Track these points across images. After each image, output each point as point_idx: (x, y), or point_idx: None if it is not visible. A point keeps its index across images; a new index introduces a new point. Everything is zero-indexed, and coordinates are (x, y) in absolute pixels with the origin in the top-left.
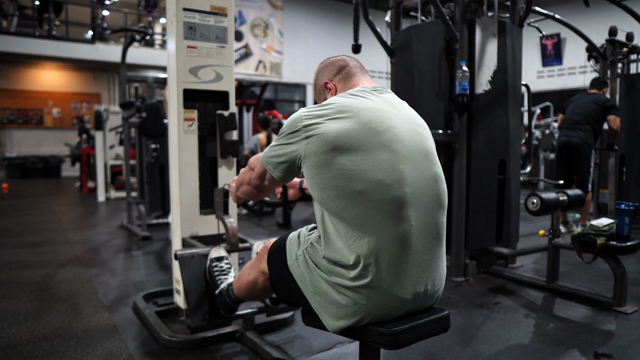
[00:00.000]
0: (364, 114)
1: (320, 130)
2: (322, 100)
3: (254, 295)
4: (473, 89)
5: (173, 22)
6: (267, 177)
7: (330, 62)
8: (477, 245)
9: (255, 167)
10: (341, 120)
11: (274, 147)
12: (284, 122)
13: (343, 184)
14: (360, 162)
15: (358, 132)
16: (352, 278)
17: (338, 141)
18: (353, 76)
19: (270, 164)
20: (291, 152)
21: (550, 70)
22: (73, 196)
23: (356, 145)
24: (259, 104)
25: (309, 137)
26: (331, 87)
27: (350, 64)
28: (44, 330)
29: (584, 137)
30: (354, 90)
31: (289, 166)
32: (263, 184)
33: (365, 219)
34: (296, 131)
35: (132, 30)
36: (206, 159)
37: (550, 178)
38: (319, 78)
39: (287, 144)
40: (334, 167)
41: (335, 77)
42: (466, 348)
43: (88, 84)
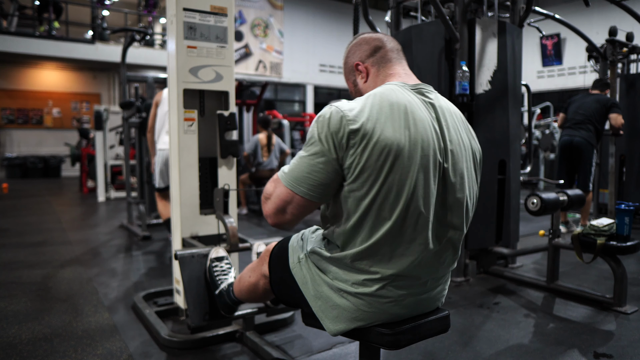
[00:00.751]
0: (416, 125)
1: (375, 138)
2: (351, 82)
3: (254, 297)
4: (473, 89)
5: (173, 22)
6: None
7: (365, 39)
8: (477, 245)
9: (272, 194)
10: (395, 127)
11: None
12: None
13: (380, 202)
14: (405, 181)
15: (412, 146)
16: (356, 284)
17: (393, 153)
18: (389, 62)
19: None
20: (331, 163)
21: (550, 70)
22: (73, 196)
23: (406, 161)
24: (259, 104)
25: (356, 143)
26: (362, 70)
27: (387, 45)
28: (44, 330)
29: (587, 136)
30: (397, 87)
31: (328, 183)
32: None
33: (387, 239)
34: (338, 136)
35: (132, 30)
36: (206, 159)
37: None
38: (350, 57)
39: (325, 155)
40: (378, 180)
41: (369, 59)
42: (466, 348)
43: (88, 84)
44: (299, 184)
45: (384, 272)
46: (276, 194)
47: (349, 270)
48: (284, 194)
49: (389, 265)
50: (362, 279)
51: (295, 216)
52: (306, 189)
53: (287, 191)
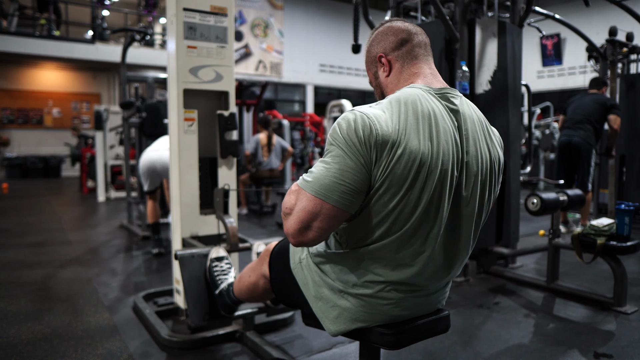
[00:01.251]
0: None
1: (401, 149)
2: (372, 73)
3: (254, 297)
4: (473, 89)
5: (173, 22)
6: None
7: (392, 29)
8: (477, 245)
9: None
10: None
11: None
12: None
13: (394, 216)
14: (424, 194)
15: (434, 159)
16: (357, 286)
17: (417, 166)
18: (415, 59)
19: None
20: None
21: (550, 70)
22: (73, 196)
23: (428, 174)
24: (259, 104)
25: (381, 153)
26: (385, 63)
27: (414, 39)
28: (44, 330)
29: (585, 136)
30: (422, 93)
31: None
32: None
33: (399, 249)
34: (367, 142)
35: (132, 30)
36: (206, 159)
37: (550, 178)
38: (373, 46)
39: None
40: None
41: (394, 52)
42: (466, 348)
43: (88, 84)
44: (328, 192)
45: (388, 277)
46: (301, 207)
47: (351, 269)
48: (311, 205)
49: (393, 272)
50: (363, 281)
51: (323, 231)
52: (337, 197)
53: (315, 201)
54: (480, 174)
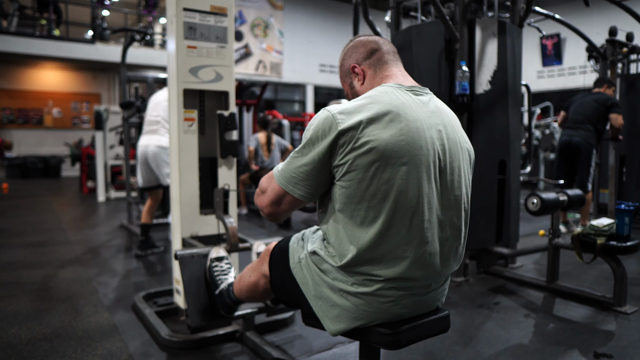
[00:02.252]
0: (409, 126)
1: (367, 138)
2: (347, 85)
3: (254, 297)
4: (473, 89)
5: (173, 22)
6: (286, 200)
7: (361, 42)
8: (477, 245)
9: (267, 188)
10: (387, 128)
11: (298, 157)
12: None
13: (376, 202)
14: (399, 179)
15: (404, 145)
16: (356, 284)
17: (386, 153)
18: (385, 64)
19: (291, 181)
20: (322, 163)
21: (550, 70)
22: (73, 196)
23: (400, 161)
24: (259, 104)
25: (348, 144)
26: (359, 73)
27: (382, 47)
28: (44, 330)
29: (586, 136)
30: (392, 89)
31: (318, 182)
32: (278, 208)
33: (386, 239)
34: (330, 137)
35: (132, 30)
36: (206, 159)
37: (550, 178)
38: (346, 59)
39: (316, 155)
40: (369, 181)
41: (365, 61)
42: (466, 348)
43: (88, 84)
44: (289, 183)
45: (385, 274)
46: (271, 189)
47: (348, 271)
48: (277, 190)
49: (388, 267)
50: (362, 279)
51: (289, 209)
52: (295, 188)
53: (280, 189)
54: (463, 161)
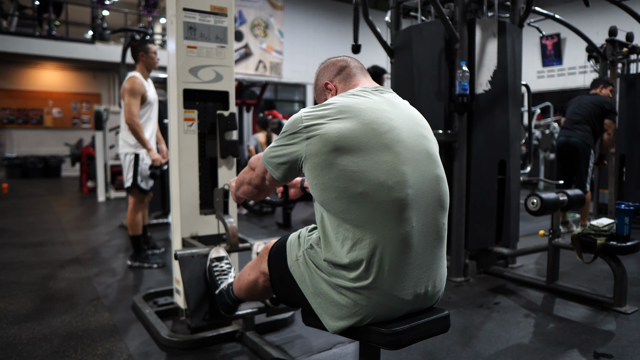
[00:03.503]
0: (365, 114)
1: (322, 131)
2: (323, 101)
3: (254, 295)
4: (473, 89)
5: (173, 22)
6: (268, 177)
7: (331, 62)
8: (477, 245)
9: (256, 167)
10: (342, 120)
11: (275, 147)
12: (284, 122)
13: (344, 185)
14: (362, 163)
15: (360, 132)
16: (352, 279)
17: (340, 142)
18: (353, 77)
19: (271, 164)
20: (292, 153)
21: (550, 70)
22: (73, 196)
23: (358, 146)
24: (259, 104)
25: (310, 137)
26: (332, 88)
27: (350, 64)
28: (44, 330)
29: (583, 137)
30: (355, 90)
31: (289, 167)
32: (264, 184)
33: (367, 221)
34: (297, 132)
35: (132, 30)
36: (206, 159)
37: (550, 178)
38: (319, 79)
39: (288, 145)
40: (335, 168)
41: (336, 77)
42: (466, 348)
43: (88, 84)
44: (268, 164)
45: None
46: (259, 165)
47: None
48: (262, 168)
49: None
50: (357, 274)
51: (271, 185)
52: (273, 168)
53: (263, 166)
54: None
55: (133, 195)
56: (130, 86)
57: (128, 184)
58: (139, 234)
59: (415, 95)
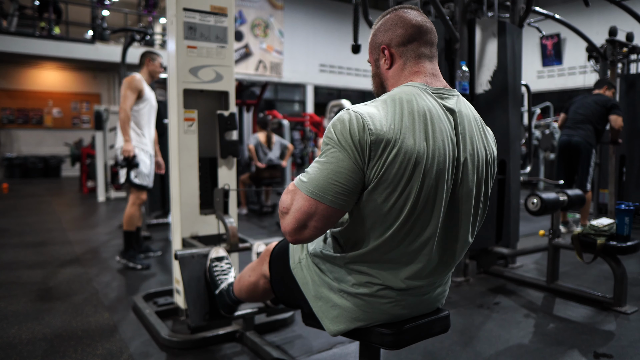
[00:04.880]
0: (429, 136)
1: (395, 149)
2: (373, 59)
3: (254, 297)
4: (473, 89)
5: (173, 22)
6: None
7: (402, 21)
8: (477, 245)
9: (290, 206)
10: (412, 137)
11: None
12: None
13: (392, 215)
14: (416, 192)
15: (422, 156)
16: (356, 285)
17: (418, 163)
18: (419, 57)
19: (327, 191)
20: (355, 171)
21: (550, 70)
22: (73, 196)
23: (420, 173)
24: (259, 104)
25: (376, 154)
26: (387, 56)
27: (423, 37)
28: (44, 330)
29: (585, 136)
30: (417, 91)
31: (353, 191)
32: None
33: (389, 249)
34: (355, 143)
35: (132, 30)
36: (206, 159)
37: (550, 178)
38: (380, 34)
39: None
40: (395, 192)
41: (399, 47)
42: (466, 348)
43: (88, 84)
44: (322, 192)
45: (385, 280)
46: (297, 206)
47: (349, 270)
48: (306, 205)
49: (390, 273)
50: (363, 281)
51: (319, 229)
52: (332, 197)
53: (310, 201)
54: (476, 172)
55: (133, 191)
56: (129, 81)
57: (122, 180)
58: (132, 230)
59: None
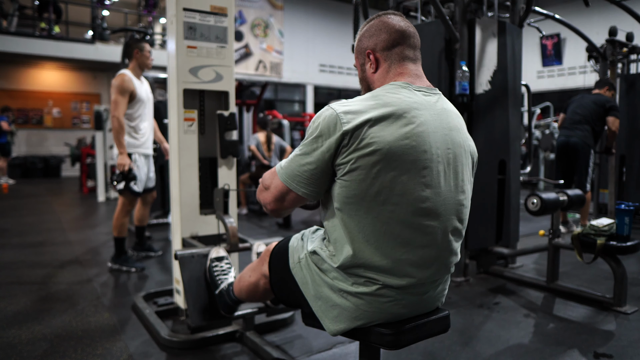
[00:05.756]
0: (413, 129)
1: (370, 139)
2: (359, 63)
3: (254, 297)
4: (473, 89)
5: (173, 22)
6: (289, 197)
7: (386, 26)
8: (477, 245)
9: (270, 184)
10: (390, 129)
11: (301, 153)
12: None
13: (377, 203)
14: (399, 181)
15: (406, 149)
16: (356, 284)
17: (389, 155)
18: (403, 60)
19: (294, 179)
20: (323, 161)
21: (550, 70)
22: (73, 196)
23: (402, 163)
24: (259, 104)
25: (352, 144)
26: (373, 60)
27: (406, 41)
28: (44, 330)
29: (583, 136)
30: (400, 88)
31: (320, 181)
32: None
33: (385, 240)
34: (331, 136)
35: (132, 30)
36: (206, 159)
37: (550, 178)
38: (365, 39)
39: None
40: (375, 181)
41: (384, 51)
42: (466, 348)
43: (88, 84)
44: (292, 181)
45: (382, 278)
46: (274, 185)
47: (349, 272)
48: (280, 187)
49: (385, 272)
50: (362, 280)
51: (292, 206)
52: (298, 186)
53: (283, 185)
54: (464, 164)
55: (123, 197)
56: (118, 83)
57: (120, 188)
58: (123, 236)
59: None
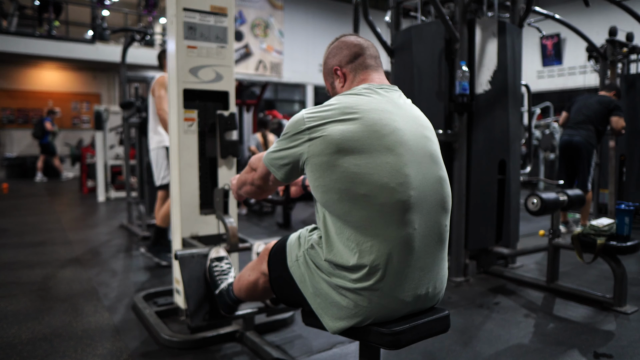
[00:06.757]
0: (368, 116)
1: (324, 133)
2: (329, 83)
3: (254, 296)
4: (473, 89)
5: (173, 22)
6: (271, 178)
7: (345, 44)
8: (477, 245)
9: (257, 167)
10: (345, 122)
11: (277, 149)
12: (285, 122)
13: (347, 187)
14: (364, 165)
15: (363, 134)
16: (353, 280)
17: (342, 143)
18: (365, 69)
19: (274, 165)
20: (294, 154)
21: (550, 70)
22: (73, 196)
23: (361, 148)
24: (259, 104)
25: (312, 139)
26: (340, 75)
27: (366, 53)
28: (44, 330)
29: (586, 136)
30: (360, 88)
31: (292, 168)
32: (267, 185)
33: (369, 223)
34: (299, 133)
35: (132, 30)
36: (206, 159)
37: (550, 178)
38: (330, 59)
39: (290, 147)
40: (337, 169)
41: (348, 65)
42: (466, 348)
43: (88, 84)
44: (271, 165)
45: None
46: (261, 166)
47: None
48: (263, 168)
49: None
50: (358, 276)
51: (274, 185)
52: (275, 169)
53: (265, 167)
54: (436, 146)
55: (165, 191)
56: (163, 82)
57: (165, 182)
58: (165, 226)
59: (415, 95)
